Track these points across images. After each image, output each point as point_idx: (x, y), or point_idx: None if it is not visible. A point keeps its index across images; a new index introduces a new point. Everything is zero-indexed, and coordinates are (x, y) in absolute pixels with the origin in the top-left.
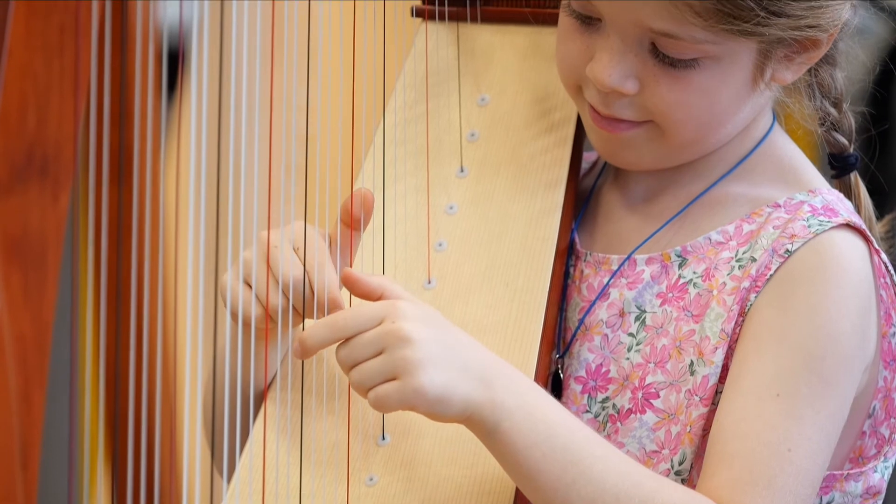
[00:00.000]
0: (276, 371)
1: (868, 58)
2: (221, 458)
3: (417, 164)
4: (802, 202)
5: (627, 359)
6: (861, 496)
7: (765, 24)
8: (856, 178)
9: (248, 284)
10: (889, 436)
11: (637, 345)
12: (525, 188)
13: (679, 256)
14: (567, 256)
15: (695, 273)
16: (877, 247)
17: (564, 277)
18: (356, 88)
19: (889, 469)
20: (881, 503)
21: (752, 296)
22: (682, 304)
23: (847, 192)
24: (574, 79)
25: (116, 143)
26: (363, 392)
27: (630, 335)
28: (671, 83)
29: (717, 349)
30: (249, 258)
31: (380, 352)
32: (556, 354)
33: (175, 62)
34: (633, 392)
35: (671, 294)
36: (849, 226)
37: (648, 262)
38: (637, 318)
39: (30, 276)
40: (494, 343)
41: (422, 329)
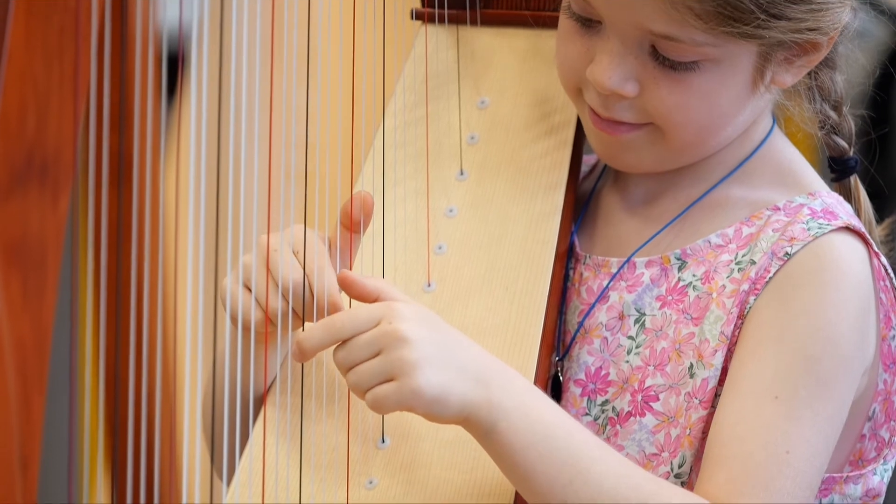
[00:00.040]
0: (276, 374)
1: (868, 61)
2: (221, 462)
3: (417, 167)
4: (802, 205)
5: (627, 361)
6: (860, 499)
7: (765, 27)
8: (855, 182)
9: (248, 288)
10: (889, 438)
11: (636, 347)
12: (525, 191)
13: (678, 259)
14: (567, 259)
15: (694, 276)
16: (876, 250)
17: (564, 280)
18: (356, 92)
19: (888, 472)
20: None
21: (752, 298)
22: (682, 307)
23: (847, 196)
24: (574, 81)
25: (116, 147)
26: (361, 393)
27: (629, 338)
28: (671, 86)
29: (717, 352)
30: (249, 262)
31: (377, 353)
32: (556, 357)
33: (175, 65)
34: (633, 395)
35: (671, 297)
36: (848, 229)
37: (648, 265)
38: (636, 321)
39: (29, 280)
40: (494, 346)
41: (418, 330)
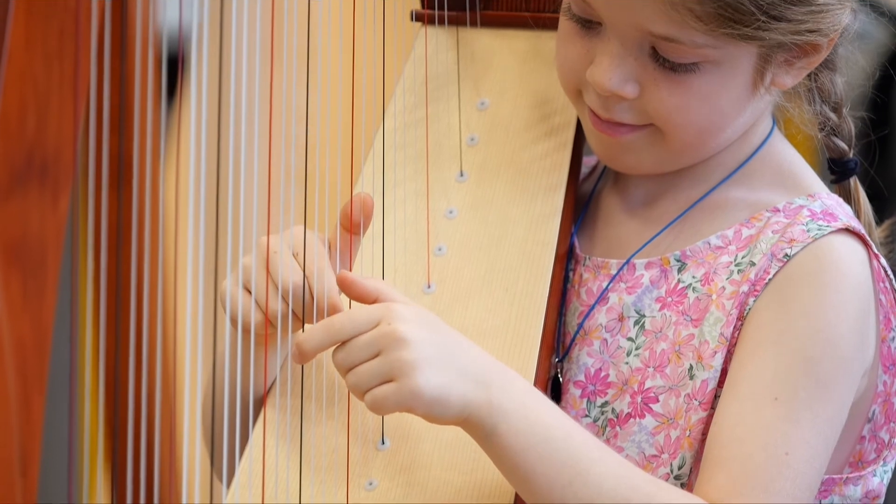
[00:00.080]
0: (276, 376)
1: (868, 63)
2: (221, 464)
3: (417, 169)
4: (802, 207)
5: (626, 363)
6: (860, 500)
7: (765, 29)
8: (855, 183)
9: (248, 290)
10: (888, 440)
11: (636, 349)
12: (525, 192)
13: (678, 261)
14: (566, 261)
15: (694, 277)
16: (876, 251)
17: (564, 282)
18: (356, 93)
19: (888, 473)
20: None
21: (751, 300)
22: (682, 309)
23: (846, 197)
24: (574, 83)
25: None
26: (360, 394)
27: (629, 339)
28: (671, 87)
29: (717, 353)
30: (249, 264)
31: (376, 354)
32: (556, 359)
33: (175, 66)
34: (633, 396)
35: (670, 298)
36: (848, 230)
37: (648, 267)
38: (636, 323)
39: (29, 281)
40: (494, 347)
41: (418, 331)
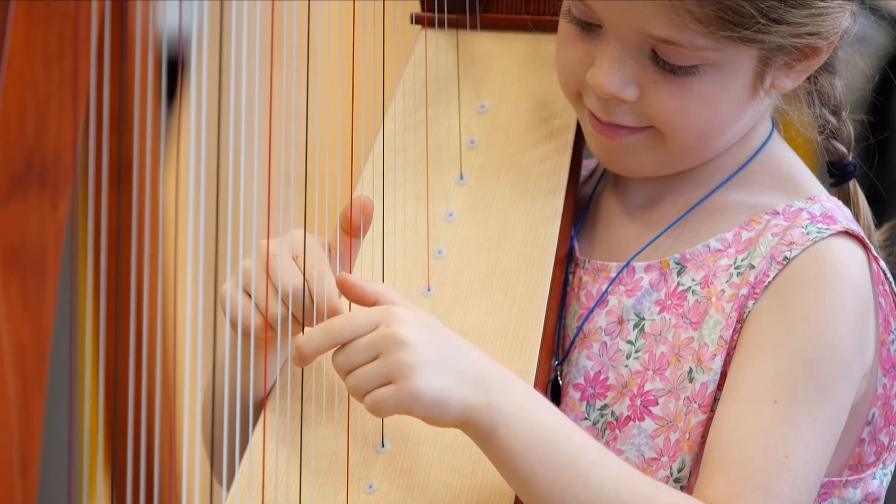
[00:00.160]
0: (276, 379)
1: (867, 66)
2: (221, 466)
3: (417, 172)
4: (801, 209)
5: (626, 366)
6: (860, 503)
7: (765, 32)
8: (854, 187)
9: (248, 293)
10: (888, 443)
11: (636, 352)
12: (525, 195)
13: (678, 264)
14: (566, 263)
15: (693, 280)
16: (875, 254)
17: (563, 284)
18: (356, 96)
19: (888, 476)
20: None
21: (751, 303)
22: (681, 312)
23: (846, 200)
24: (574, 85)
25: (116, 151)
26: (360, 397)
27: (629, 342)
28: (671, 90)
29: (716, 356)
30: (249, 267)
31: (375, 356)
32: (555, 361)
33: (175, 69)
34: (632, 399)
35: (670, 301)
36: (847, 233)
37: (647, 270)
38: (636, 326)
39: (29, 284)
40: (494, 350)
41: (417, 333)
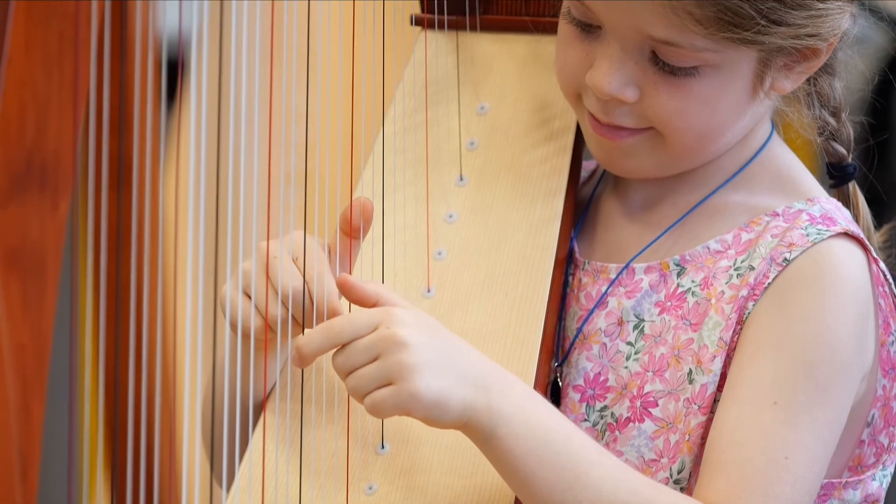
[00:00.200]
0: (276, 380)
1: (867, 67)
2: (221, 468)
3: (417, 173)
4: (801, 211)
5: (626, 367)
6: None
7: (765, 33)
8: (854, 188)
9: (248, 295)
10: (888, 444)
11: (635, 353)
12: (524, 197)
13: (678, 265)
14: (566, 265)
15: (693, 282)
16: (875, 255)
17: (563, 286)
18: (356, 97)
19: (888, 477)
20: None
21: (750, 304)
22: (681, 313)
23: (845, 202)
24: (574, 86)
25: (116, 152)
26: (360, 398)
27: (628, 344)
28: (671, 91)
29: (716, 358)
30: (249, 269)
31: (375, 357)
32: (555, 363)
33: (174, 70)
34: (632, 401)
35: (669, 303)
36: (847, 234)
37: (647, 271)
38: (635, 327)
39: (29, 286)
40: (494, 351)
41: (417, 334)
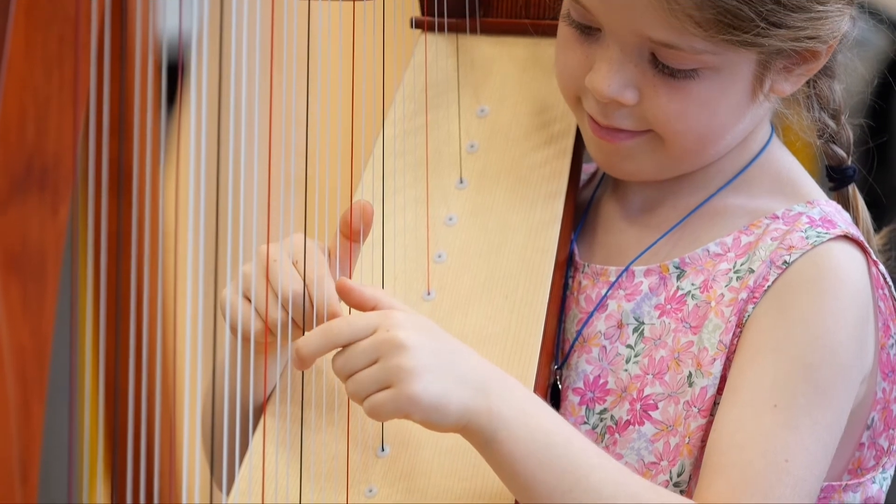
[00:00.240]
0: (276, 384)
1: (867, 70)
2: (221, 471)
3: (417, 176)
4: (800, 214)
5: (626, 370)
6: None
7: (764, 35)
8: (854, 191)
9: (248, 298)
10: (888, 447)
11: (635, 356)
12: (524, 199)
13: (677, 268)
14: (566, 268)
15: (693, 285)
16: (874, 258)
17: (563, 289)
18: (355, 100)
19: (888, 480)
20: None
21: (750, 307)
22: (681, 316)
23: (845, 205)
24: (573, 89)
25: (116, 155)
26: (359, 401)
27: (628, 347)
28: (671, 93)
29: (716, 360)
30: (249, 272)
31: (375, 360)
32: (555, 366)
33: (175, 73)
34: (632, 404)
35: (669, 306)
36: (847, 237)
37: (647, 274)
38: (635, 330)
39: (29, 289)
40: (494, 354)
41: (416, 338)
